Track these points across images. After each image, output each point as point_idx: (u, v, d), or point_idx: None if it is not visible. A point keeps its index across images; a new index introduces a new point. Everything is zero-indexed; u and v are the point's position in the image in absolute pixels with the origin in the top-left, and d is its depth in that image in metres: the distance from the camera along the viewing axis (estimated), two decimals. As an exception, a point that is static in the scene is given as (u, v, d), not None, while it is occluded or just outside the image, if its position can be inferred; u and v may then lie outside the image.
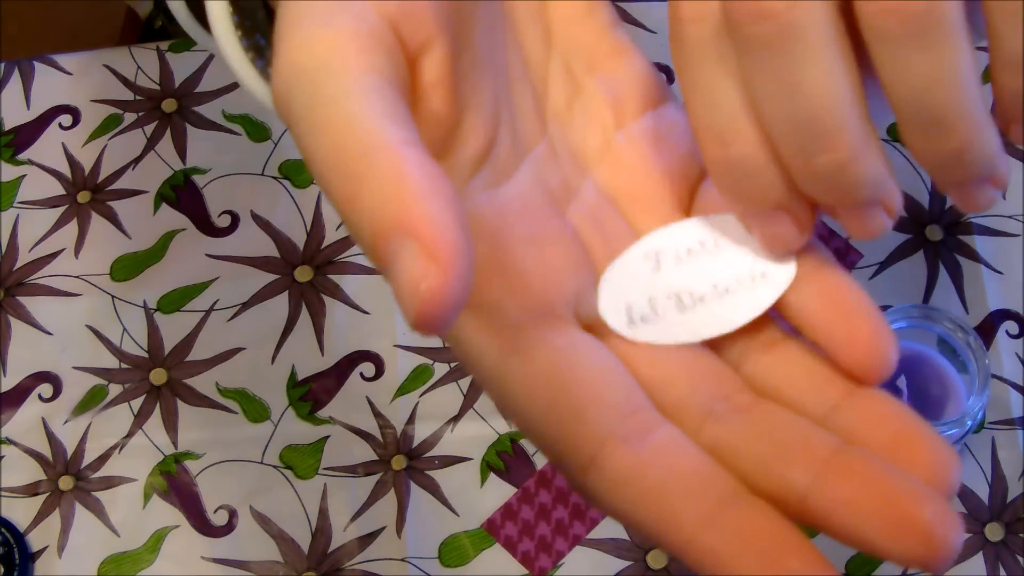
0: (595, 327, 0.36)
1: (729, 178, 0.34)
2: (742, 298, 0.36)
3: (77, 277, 0.74)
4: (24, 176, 0.77)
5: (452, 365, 0.71)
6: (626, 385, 0.33)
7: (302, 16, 0.30)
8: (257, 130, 0.78)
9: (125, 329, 0.73)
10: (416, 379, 0.71)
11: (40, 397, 0.72)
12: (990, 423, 0.68)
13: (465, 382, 0.71)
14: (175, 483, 0.69)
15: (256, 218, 0.75)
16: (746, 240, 0.37)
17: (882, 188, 0.32)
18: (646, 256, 0.38)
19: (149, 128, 0.78)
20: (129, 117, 0.79)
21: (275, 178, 0.76)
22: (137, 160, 0.78)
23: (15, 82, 0.80)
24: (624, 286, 0.37)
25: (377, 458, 0.69)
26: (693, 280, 0.37)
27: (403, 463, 0.69)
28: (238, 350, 0.72)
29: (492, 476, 0.68)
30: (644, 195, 0.38)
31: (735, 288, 0.36)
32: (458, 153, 0.34)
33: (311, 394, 0.71)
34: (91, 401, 0.71)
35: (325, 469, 0.69)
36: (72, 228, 0.76)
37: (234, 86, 0.79)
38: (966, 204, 0.32)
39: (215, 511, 0.68)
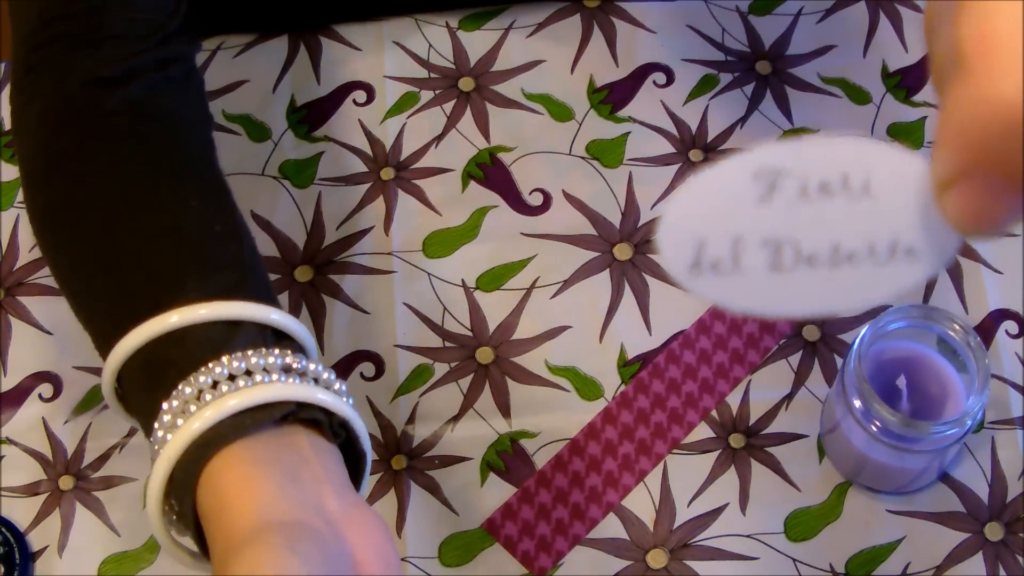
0: None
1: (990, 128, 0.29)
2: (866, 274, 0.26)
3: (77, 277, 0.74)
4: (24, 176, 0.77)
5: (452, 365, 0.71)
6: None
7: None
8: (257, 130, 0.78)
9: (125, 329, 0.73)
10: (416, 379, 0.71)
11: (40, 397, 0.72)
12: (990, 423, 0.68)
13: (465, 382, 0.71)
14: (175, 483, 0.69)
15: (256, 218, 0.75)
16: (911, 194, 0.27)
17: None
18: (759, 175, 0.27)
19: (149, 128, 0.78)
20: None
21: (275, 178, 0.76)
22: (137, 160, 0.78)
23: (15, 82, 0.80)
24: (707, 210, 0.27)
25: (377, 458, 0.69)
26: (810, 230, 0.26)
27: (403, 463, 0.69)
28: (238, 350, 0.72)
29: (492, 476, 0.68)
30: None
31: (862, 257, 0.26)
32: None
33: (311, 394, 0.71)
34: (91, 401, 0.71)
35: (325, 469, 0.69)
36: (72, 228, 0.76)
37: (233, 86, 0.79)
38: None
39: (215, 511, 0.68)
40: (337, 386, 0.50)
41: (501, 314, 0.72)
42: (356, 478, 0.52)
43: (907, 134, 0.75)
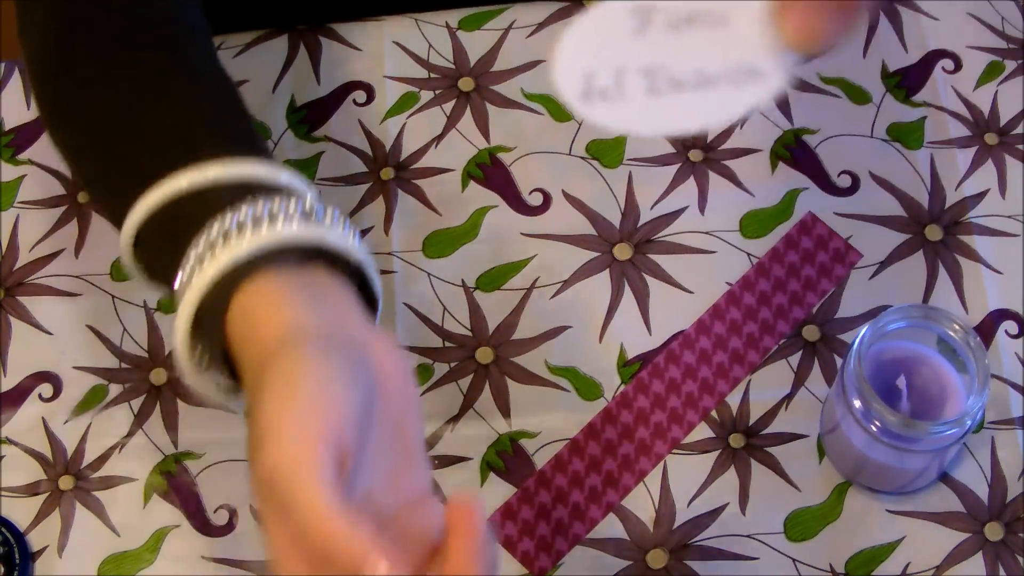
0: None
1: None
2: (723, 95, 0.31)
3: (77, 277, 0.74)
4: (24, 176, 0.77)
5: (452, 365, 0.71)
6: None
7: (277, 429, 0.43)
8: (258, 130, 0.78)
9: (125, 329, 0.73)
10: (416, 379, 0.71)
11: (40, 397, 0.72)
12: (990, 423, 0.68)
13: (465, 382, 0.71)
14: (175, 483, 0.69)
15: (256, 218, 0.75)
16: (759, 22, 0.32)
17: None
18: (636, 10, 0.32)
19: (149, 128, 0.78)
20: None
21: (275, 178, 0.76)
22: (137, 160, 0.78)
23: (15, 82, 0.80)
24: (594, 45, 0.32)
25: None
26: (677, 58, 0.32)
27: (403, 463, 0.69)
28: (238, 350, 0.72)
29: (492, 476, 0.68)
30: None
31: (720, 80, 0.32)
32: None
33: (311, 394, 0.71)
34: (91, 401, 0.71)
35: (325, 469, 0.69)
36: (72, 228, 0.75)
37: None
38: None
39: (215, 511, 0.68)
40: (352, 234, 0.52)
41: (501, 314, 0.72)
42: None
43: (907, 134, 0.75)
